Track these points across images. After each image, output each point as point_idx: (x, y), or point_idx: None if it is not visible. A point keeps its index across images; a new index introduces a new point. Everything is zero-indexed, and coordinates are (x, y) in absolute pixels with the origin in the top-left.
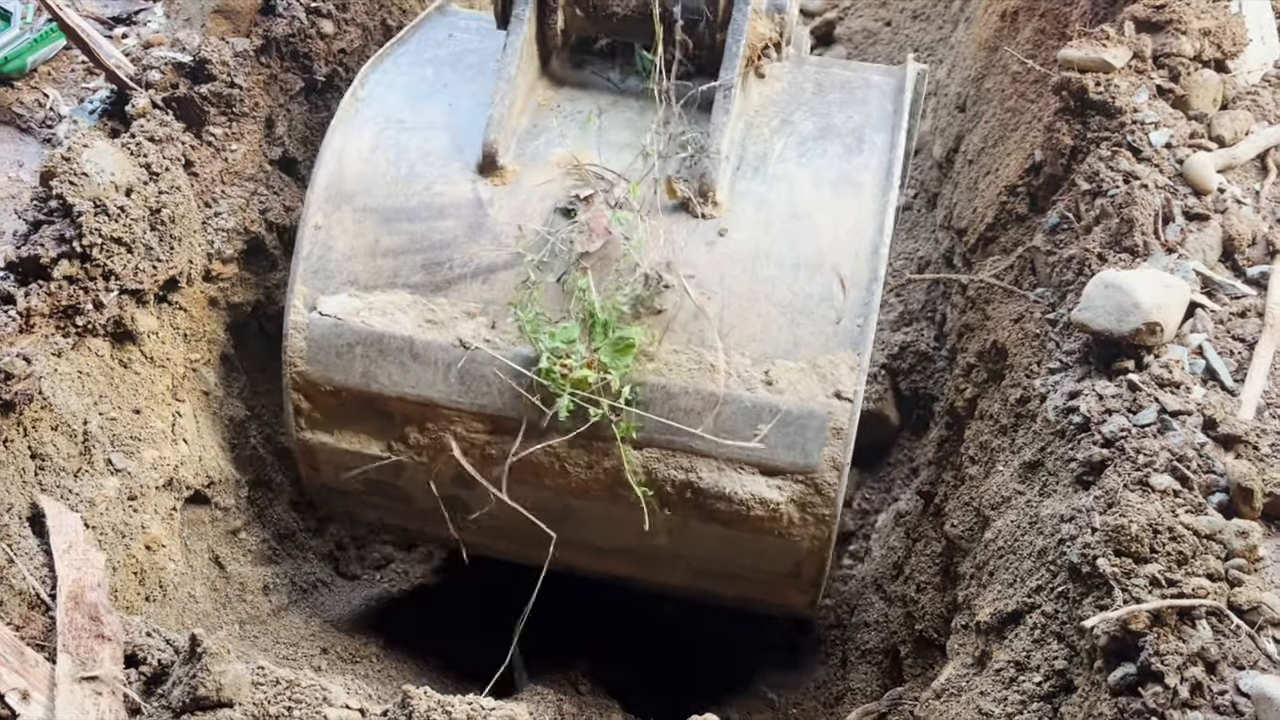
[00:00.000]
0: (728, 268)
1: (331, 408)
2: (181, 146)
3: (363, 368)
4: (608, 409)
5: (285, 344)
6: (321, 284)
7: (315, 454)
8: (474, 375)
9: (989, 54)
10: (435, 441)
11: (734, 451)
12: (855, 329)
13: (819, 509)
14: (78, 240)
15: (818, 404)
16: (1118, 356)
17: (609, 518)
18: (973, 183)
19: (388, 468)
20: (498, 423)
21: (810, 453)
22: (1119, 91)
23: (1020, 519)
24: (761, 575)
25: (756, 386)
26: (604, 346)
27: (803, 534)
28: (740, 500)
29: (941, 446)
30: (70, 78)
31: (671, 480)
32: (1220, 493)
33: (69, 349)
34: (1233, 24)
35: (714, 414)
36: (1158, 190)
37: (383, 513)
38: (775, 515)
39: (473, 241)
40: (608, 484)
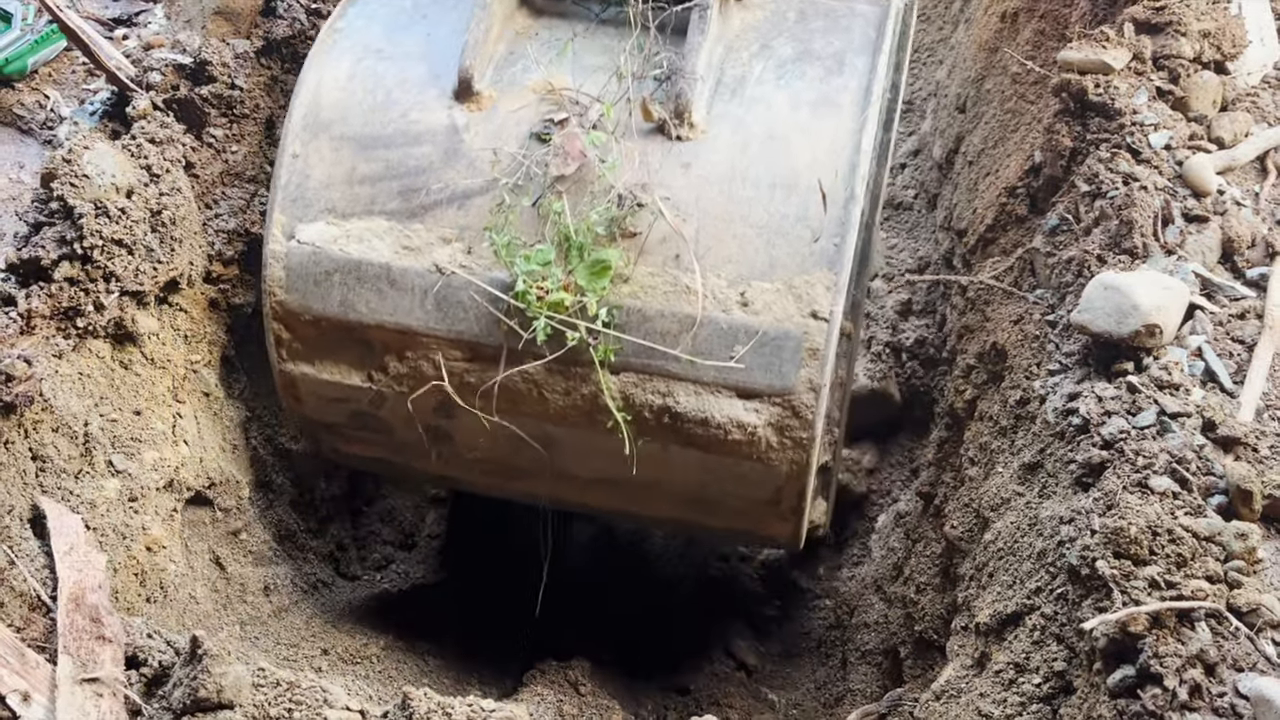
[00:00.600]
0: (703, 189)
1: (311, 337)
2: (182, 148)
3: (341, 296)
4: (584, 332)
5: (264, 273)
6: (299, 212)
7: (297, 385)
8: (451, 301)
9: (989, 55)
10: (414, 370)
11: (711, 374)
12: (832, 249)
13: (796, 432)
14: (78, 242)
15: (794, 325)
16: (1117, 358)
17: (589, 446)
18: (972, 184)
19: (369, 398)
20: (475, 350)
21: (787, 374)
22: (1118, 93)
23: (1020, 520)
24: (742, 503)
25: (732, 308)
26: (579, 269)
27: (781, 458)
28: (718, 424)
29: (941, 448)
30: (71, 79)
31: (649, 405)
32: (1219, 495)
33: (70, 350)
34: (1232, 25)
35: (690, 336)
36: (1157, 192)
37: (366, 446)
38: (753, 439)
39: (448, 167)
40: (586, 410)
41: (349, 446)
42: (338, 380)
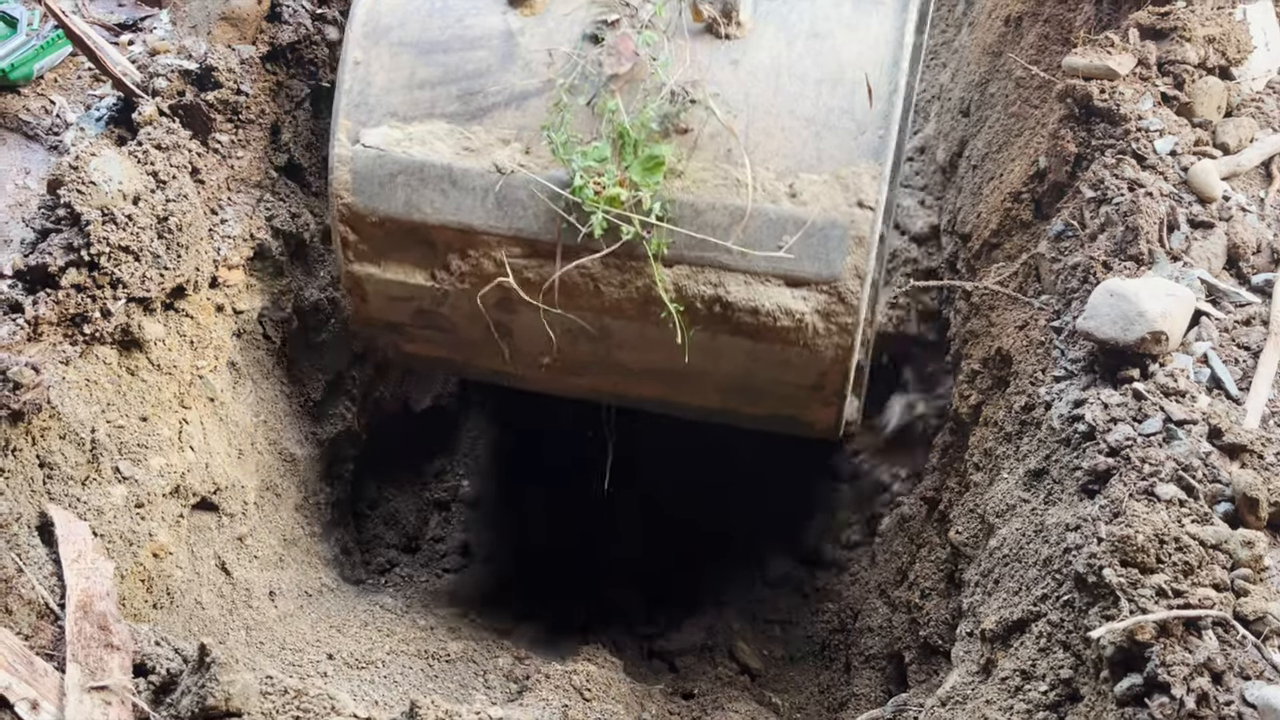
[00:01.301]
0: (752, 85)
1: (377, 238)
2: (188, 154)
3: (405, 196)
4: (639, 225)
5: (331, 178)
6: (363, 117)
7: (363, 286)
8: (510, 200)
9: (992, 59)
10: (476, 268)
11: (761, 264)
12: (877, 140)
13: (842, 318)
14: (85, 249)
15: (840, 214)
16: (1123, 365)
17: (642, 337)
18: (976, 188)
19: (432, 296)
20: (534, 246)
21: (834, 262)
22: (1123, 99)
23: (1025, 527)
24: (787, 389)
25: (781, 199)
26: (634, 165)
27: (826, 344)
28: (767, 312)
29: (946, 452)
30: (77, 84)
31: (701, 296)
32: (1226, 502)
33: (77, 357)
34: (1237, 31)
35: (741, 228)
36: (1162, 198)
37: (428, 345)
38: (800, 326)
39: (505, 70)
40: (640, 302)
41: (411, 346)
42: (402, 279)
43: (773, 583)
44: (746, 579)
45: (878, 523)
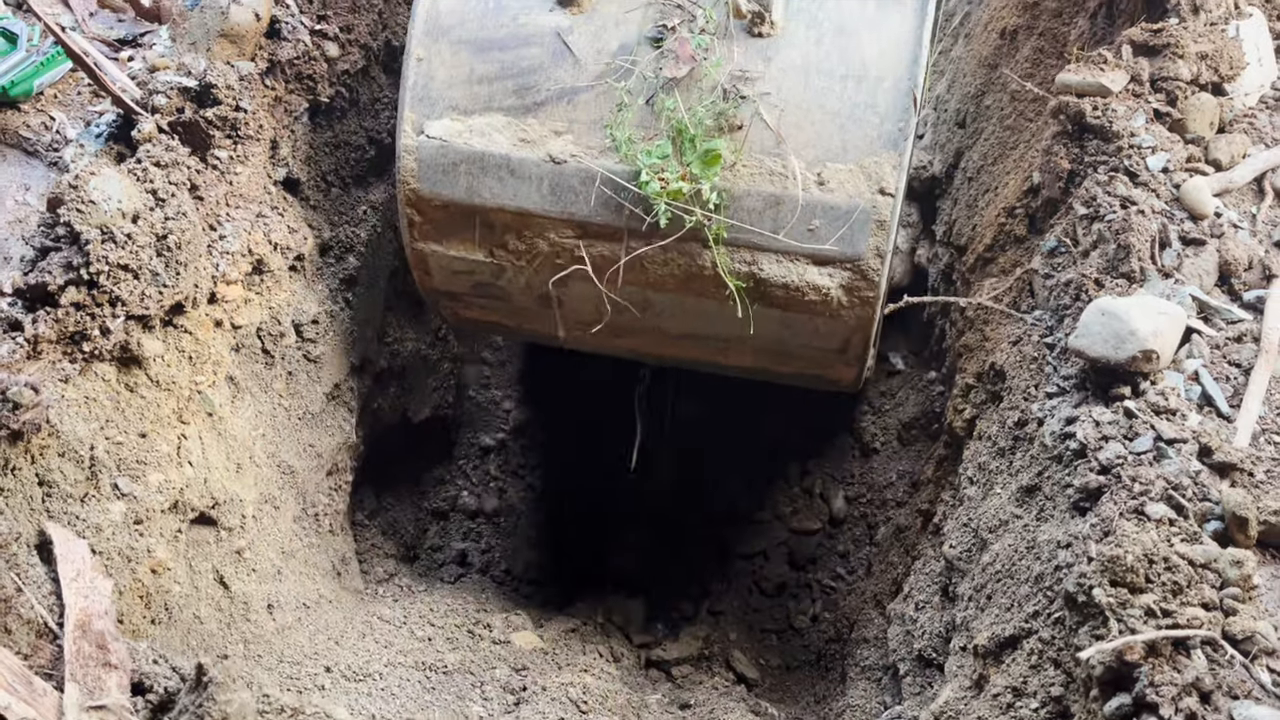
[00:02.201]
0: (784, 81)
1: (440, 220)
2: (187, 171)
3: (466, 183)
4: (700, 215)
5: (398, 165)
6: (426, 110)
7: (427, 261)
8: (563, 186)
9: (988, 71)
10: (531, 247)
11: (792, 245)
12: (896, 131)
13: (864, 292)
14: (85, 268)
15: (864, 200)
16: (1114, 383)
17: (681, 307)
18: (972, 200)
19: (490, 271)
20: (584, 228)
21: (857, 243)
22: (1116, 116)
23: (1018, 543)
24: (814, 352)
25: (811, 187)
26: (694, 160)
27: (850, 314)
28: (796, 287)
29: (940, 465)
30: (77, 100)
31: (737, 273)
32: (1216, 520)
33: (76, 375)
34: (1230, 48)
35: (775, 213)
36: (1154, 215)
37: (485, 312)
38: (826, 299)
39: (556, 67)
40: (681, 279)
41: (468, 312)
42: (463, 256)
43: (770, 592)
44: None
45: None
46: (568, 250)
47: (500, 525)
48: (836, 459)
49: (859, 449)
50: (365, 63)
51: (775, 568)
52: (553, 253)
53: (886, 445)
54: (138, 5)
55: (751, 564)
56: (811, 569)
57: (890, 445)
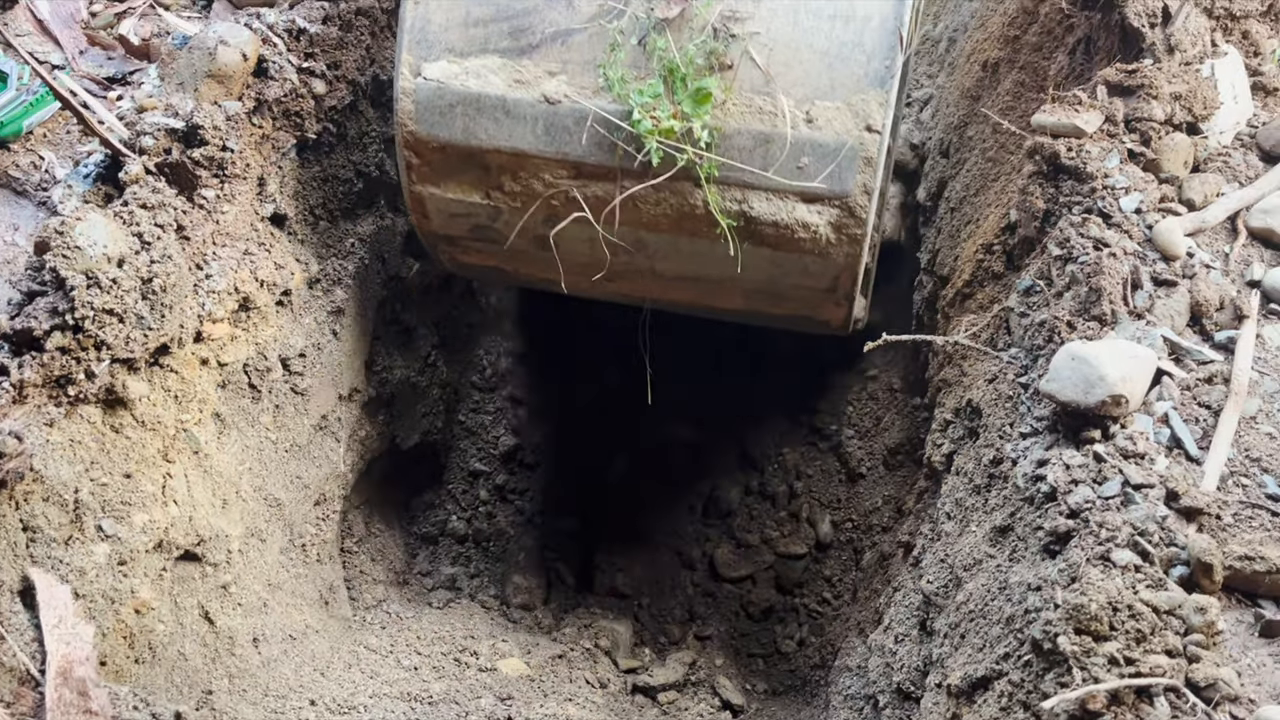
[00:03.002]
0: (773, 20)
1: (437, 162)
2: (173, 212)
3: (463, 125)
4: (692, 154)
5: (395, 108)
6: (423, 53)
7: (425, 204)
8: (558, 127)
9: (971, 102)
10: (526, 188)
11: (781, 183)
12: (883, 69)
13: (852, 229)
14: (70, 313)
15: (851, 137)
16: (1085, 426)
17: (674, 247)
18: (954, 230)
19: (486, 213)
20: (578, 168)
21: (845, 180)
22: (1090, 157)
23: (990, 584)
24: (804, 293)
25: (800, 125)
26: (685, 98)
27: (838, 252)
28: (786, 225)
29: (921, 498)
30: (66, 139)
31: (728, 212)
32: (1181, 565)
33: (61, 418)
34: (1204, 88)
35: (764, 151)
36: (1127, 257)
37: (482, 256)
38: (815, 237)
39: (550, 9)
40: (674, 219)
41: (466, 257)
42: (460, 198)
43: (757, 616)
44: (731, 611)
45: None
46: (562, 191)
47: (489, 550)
48: (823, 483)
49: (845, 473)
50: (353, 98)
51: (762, 592)
52: (548, 194)
53: (873, 470)
54: (127, 43)
55: (739, 588)
56: (798, 593)
57: (876, 470)
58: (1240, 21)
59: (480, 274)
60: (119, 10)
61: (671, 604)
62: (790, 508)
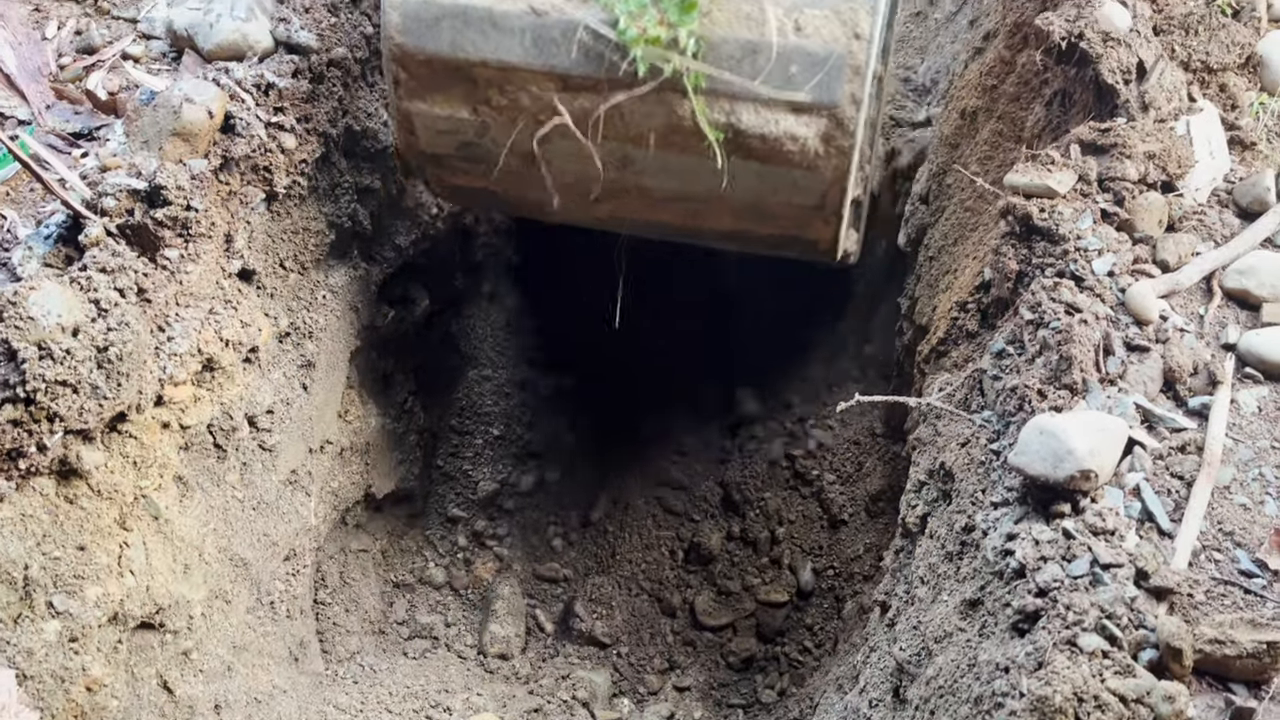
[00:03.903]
0: None
1: (424, 76)
2: (134, 275)
3: (450, 38)
4: (679, 63)
5: (382, 20)
6: None
7: (412, 120)
8: (545, 39)
9: (950, 150)
10: (514, 102)
11: (769, 93)
12: None
13: (840, 141)
14: (21, 385)
15: (839, 45)
16: (1054, 500)
17: (662, 163)
18: (933, 280)
19: (474, 129)
20: (566, 81)
21: (833, 89)
22: (1062, 218)
23: (960, 659)
24: (793, 209)
25: (788, 33)
26: (670, 6)
27: (827, 165)
28: (774, 137)
29: (897, 555)
30: (29, 198)
31: (716, 124)
32: (1151, 648)
33: (12, 492)
34: (1178, 146)
35: (752, 61)
36: (1099, 322)
37: (470, 178)
38: (804, 149)
39: None
40: (661, 131)
41: (454, 178)
42: (447, 113)
43: (737, 666)
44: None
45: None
46: (549, 105)
47: (467, 597)
48: (805, 529)
49: (827, 520)
50: (324, 150)
51: (743, 641)
52: (535, 107)
53: (855, 517)
54: (95, 98)
55: (719, 636)
56: (779, 642)
57: (859, 517)
58: (1217, 74)
59: (469, 198)
60: (87, 63)
61: (651, 652)
62: (772, 554)
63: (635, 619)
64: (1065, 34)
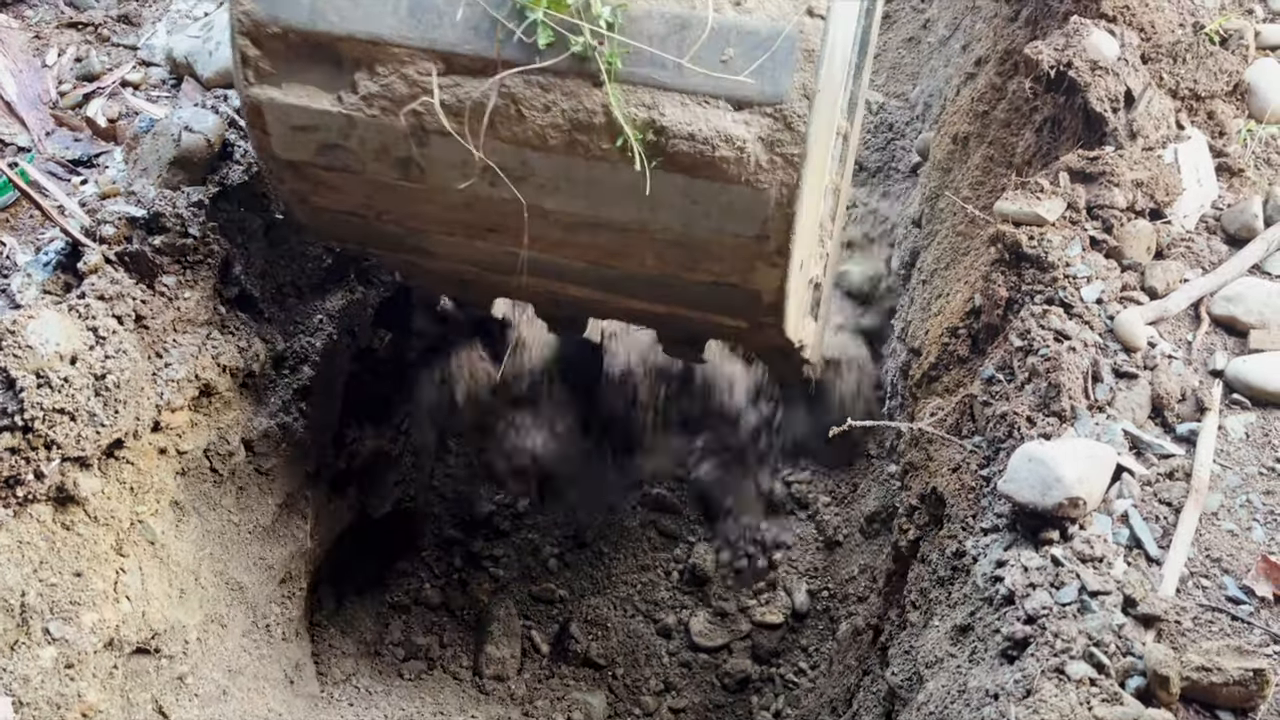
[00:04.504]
0: None
1: (279, 53)
2: (132, 302)
3: (310, 3)
4: (589, 35)
5: None
6: None
7: (264, 114)
8: (424, 6)
9: (942, 174)
10: (386, 89)
11: (700, 82)
12: None
13: (787, 147)
14: (19, 414)
15: (788, 23)
16: (1043, 527)
17: (566, 174)
18: (926, 304)
19: (338, 125)
20: (450, 61)
21: (780, 80)
22: (1051, 246)
23: (951, 685)
24: (728, 243)
25: (725, 6)
26: None
27: (770, 179)
28: (705, 138)
29: (890, 580)
30: (28, 224)
31: (635, 121)
32: (1138, 676)
33: (10, 519)
34: (1165, 174)
35: (680, 39)
36: (1087, 349)
37: (335, 195)
38: (742, 157)
39: None
40: (566, 130)
41: (318, 196)
42: (305, 104)
43: (733, 688)
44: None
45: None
46: (427, 91)
47: (463, 618)
48: (800, 550)
49: (822, 541)
50: None
51: (738, 662)
52: (411, 95)
53: (849, 538)
54: (95, 125)
55: (715, 658)
56: (774, 663)
57: (853, 538)
58: (1205, 102)
59: (336, 228)
60: (87, 90)
61: (646, 674)
62: (768, 577)
63: (630, 640)
64: (1054, 62)
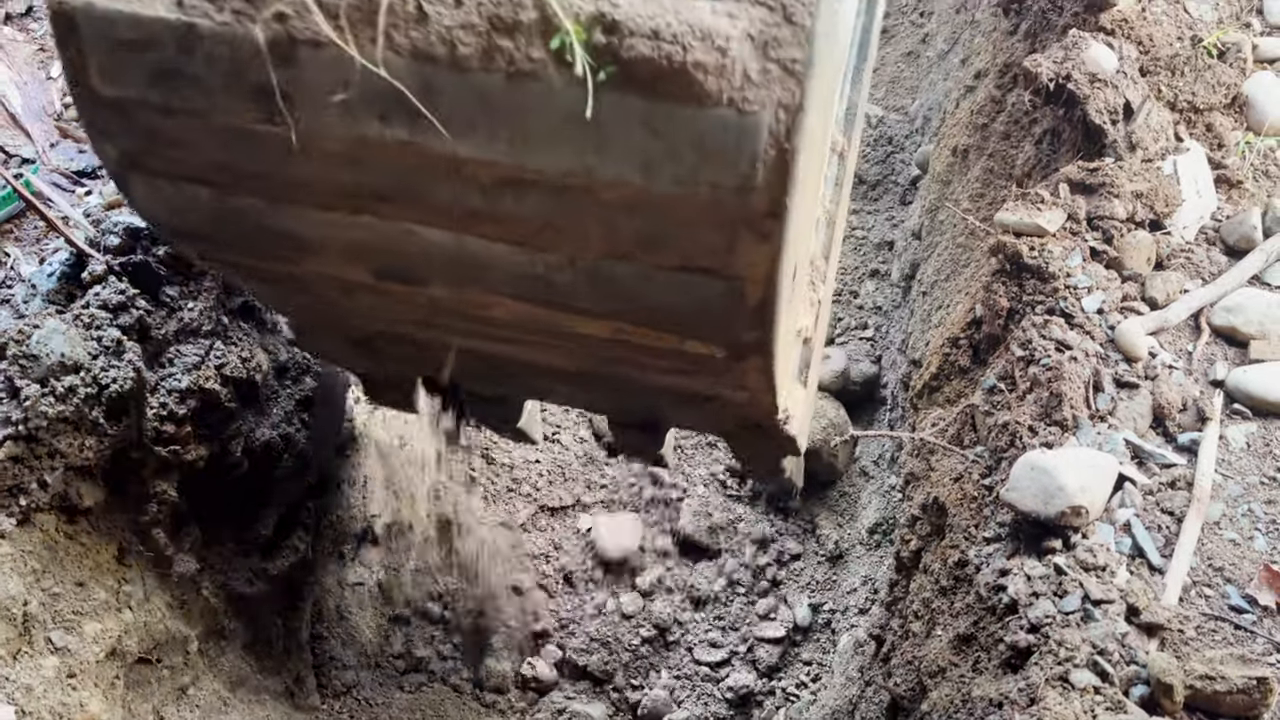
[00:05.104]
0: None
1: None
2: (136, 313)
3: None
4: None
5: None
6: None
7: (78, 25)
8: None
9: (942, 187)
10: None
11: None
12: None
13: (787, 49)
14: (23, 423)
15: None
16: (1045, 536)
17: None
18: (926, 315)
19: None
20: None
21: None
22: (1052, 256)
23: (954, 695)
24: (701, 196)
25: None
26: None
27: (763, 98)
28: (674, 35)
29: (892, 589)
30: (32, 235)
31: (575, 12)
32: (1142, 684)
33: (13, 529)
34: (1165, 185)
35: None
36: (1088, 359)
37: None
38: (722, 65)
39: None
40: (484, 31)
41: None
42: (134, 10)
43: (734, 702)
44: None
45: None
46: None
47: (463, 631)
48: (802, 563)
49: (824, 554)
50: None
51: (740, 676)
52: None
53: (851, 550)
54: None
55: (716, 672)
56: (776, 676)
57: (855, 550)
58: (1204, 114)
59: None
60: None
61: (646, 686)
62: (770, 589)
63: (632, 653)
64: (1053, 75)
